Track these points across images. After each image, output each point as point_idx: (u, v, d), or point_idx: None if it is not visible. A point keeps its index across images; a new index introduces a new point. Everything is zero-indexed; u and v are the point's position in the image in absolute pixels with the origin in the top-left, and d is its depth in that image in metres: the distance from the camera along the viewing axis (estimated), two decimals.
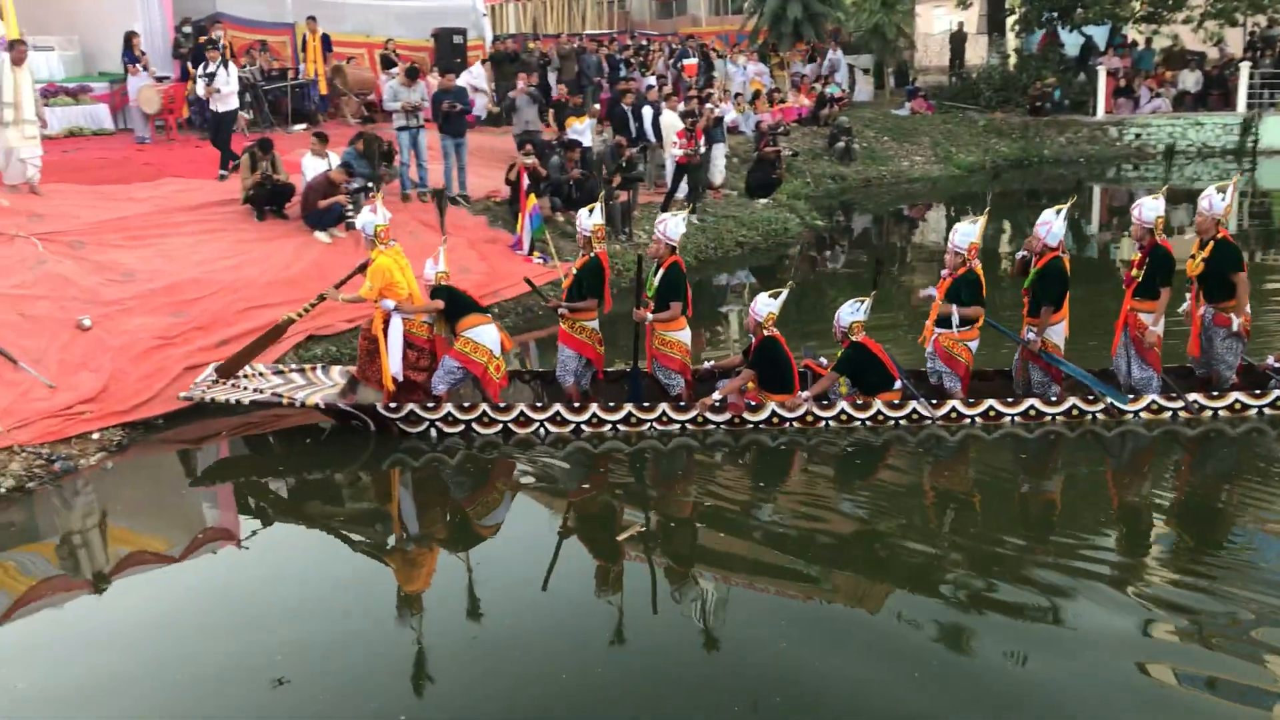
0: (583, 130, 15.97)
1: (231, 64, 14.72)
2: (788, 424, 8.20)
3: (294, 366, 9.15)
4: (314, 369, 9.10)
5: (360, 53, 21.07)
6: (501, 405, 8.30)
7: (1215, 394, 8.26)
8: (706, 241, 15.41)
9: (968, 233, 8.19)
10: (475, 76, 19.81)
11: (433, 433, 8.30)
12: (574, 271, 8.59)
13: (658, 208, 15.90)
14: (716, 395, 8.15)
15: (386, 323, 8.39)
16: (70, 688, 5.32)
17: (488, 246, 13.27)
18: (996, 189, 21.63)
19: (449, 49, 20.28)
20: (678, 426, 8.25)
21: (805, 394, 8.20)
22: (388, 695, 5.13)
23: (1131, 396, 8.28)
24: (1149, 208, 8.16)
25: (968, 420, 8.20)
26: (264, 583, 6.48)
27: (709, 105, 17.85)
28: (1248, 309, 8.17)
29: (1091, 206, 20.38)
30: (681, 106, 17.34)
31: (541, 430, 8.28)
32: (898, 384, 8.30)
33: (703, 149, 16.29)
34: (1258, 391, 8.28)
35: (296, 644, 5.60)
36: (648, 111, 17.24)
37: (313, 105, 18.89)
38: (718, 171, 17.97)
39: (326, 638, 5.68)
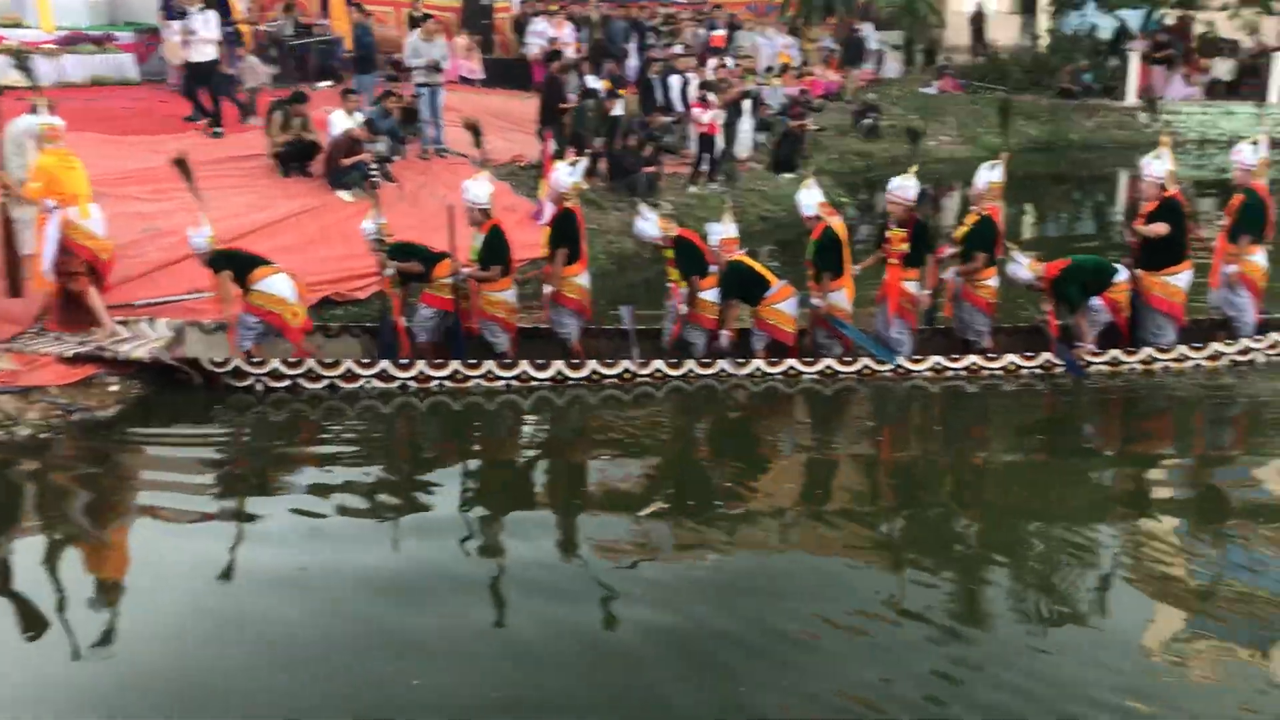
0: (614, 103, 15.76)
1: (212, 12, 14.05)
2: (607, 380, 8.60)
3: (118, 319, 8.91)
4: (139, 321, 8.90)
5: (388, 11, 20.90)
6: (329, 361, 8.46)
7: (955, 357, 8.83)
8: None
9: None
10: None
11: (259, 387, 8.37)
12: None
13: (685, 179, 15.80)
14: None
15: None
16: None
17: (505, 215, 13.08)
18: (1020, 174, 21.40)
19: (476, 10, 20.12)
20: (503, 384, 8.51)
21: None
22: None
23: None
24: (910, 188, 8.75)
25: (771, 378, 8.73)
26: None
27: (736, 77, 17.68)
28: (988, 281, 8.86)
29: (1117, 193, 20.20)
30: (710, 76, 17.15)
31: (369, 386, 8.45)
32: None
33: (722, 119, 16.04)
34: (1029, 354, 8.81)
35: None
36: (675, 80, 17.06)
37: (338, 62, 18.76)
38: (743, 145, 17.80)
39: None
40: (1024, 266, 8.83)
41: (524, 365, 8.58)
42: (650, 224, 9.00)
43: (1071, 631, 5.41)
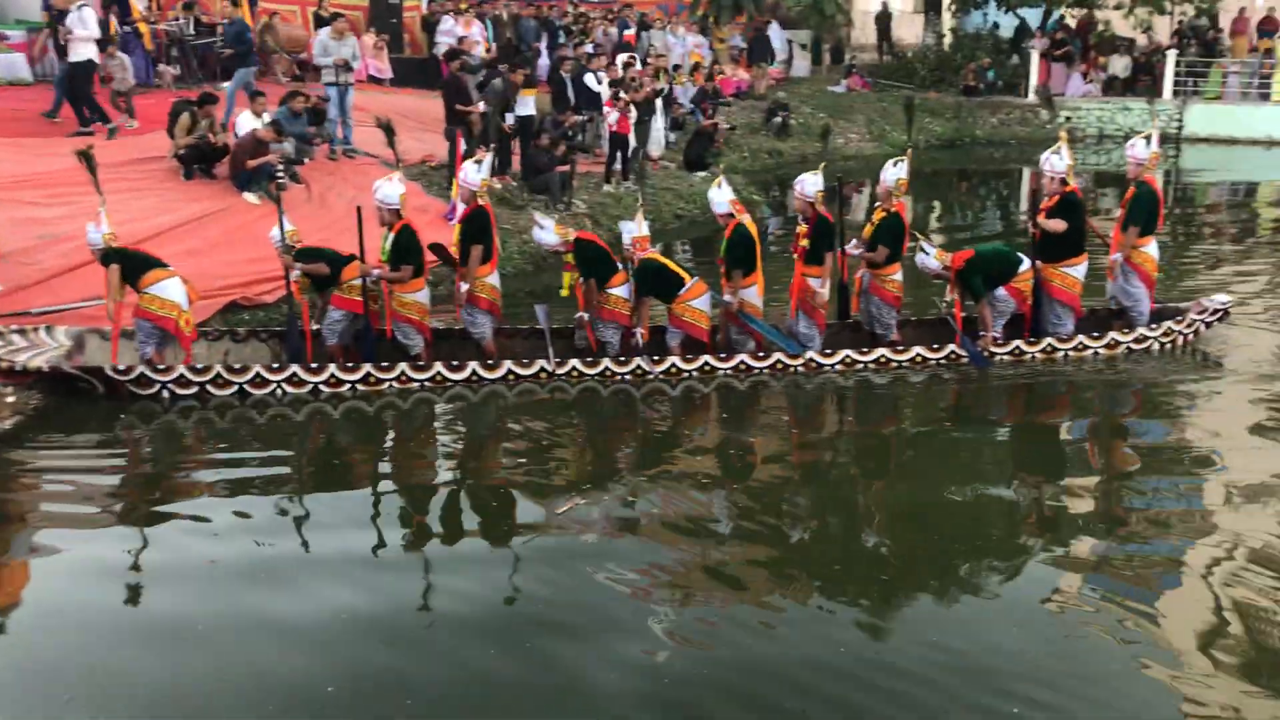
0: (526, 101, 15.72)
1: (89, 9, 13.66)
2: (523, 380, 8.60)
3: (14, 328, 8.57)
4: (36, 330, 8.60)
5: (293, 10, 20.57)
6: (237, 366, 8.32)
7: (865, 350, 8.97)
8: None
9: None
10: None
11: (165, 394, 8.19)
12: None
13: (600, 178, 15.82)
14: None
15: None
16: None
17: (416, 215, 12.96)
18: (927, 170, 21.86)
19: (384, 8, 19.91)
20: (417, 385, 8.49)
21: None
22: None
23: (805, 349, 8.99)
24: (810, 183, 8.87)
25: (686, 374, 8.79)
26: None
27: (648, 76, 17.75)
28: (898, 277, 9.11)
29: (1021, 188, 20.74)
30: (621, 74, 17.19)
31: (279, 391, 8.32)
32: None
33: (633, 117, 16.09)
34: (901, 348, 9.02)
35: None
36: (591, 79, 17.06)
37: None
38: (656, 143, 17.87)
39: None
40: (932, 256, 9.04)
41: (438, 366, 8.53)
42: (547, 232, 8.98)
43: (977, 619, 5.48)
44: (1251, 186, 21.17)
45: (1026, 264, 9.04)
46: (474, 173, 8.89)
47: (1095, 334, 9.13)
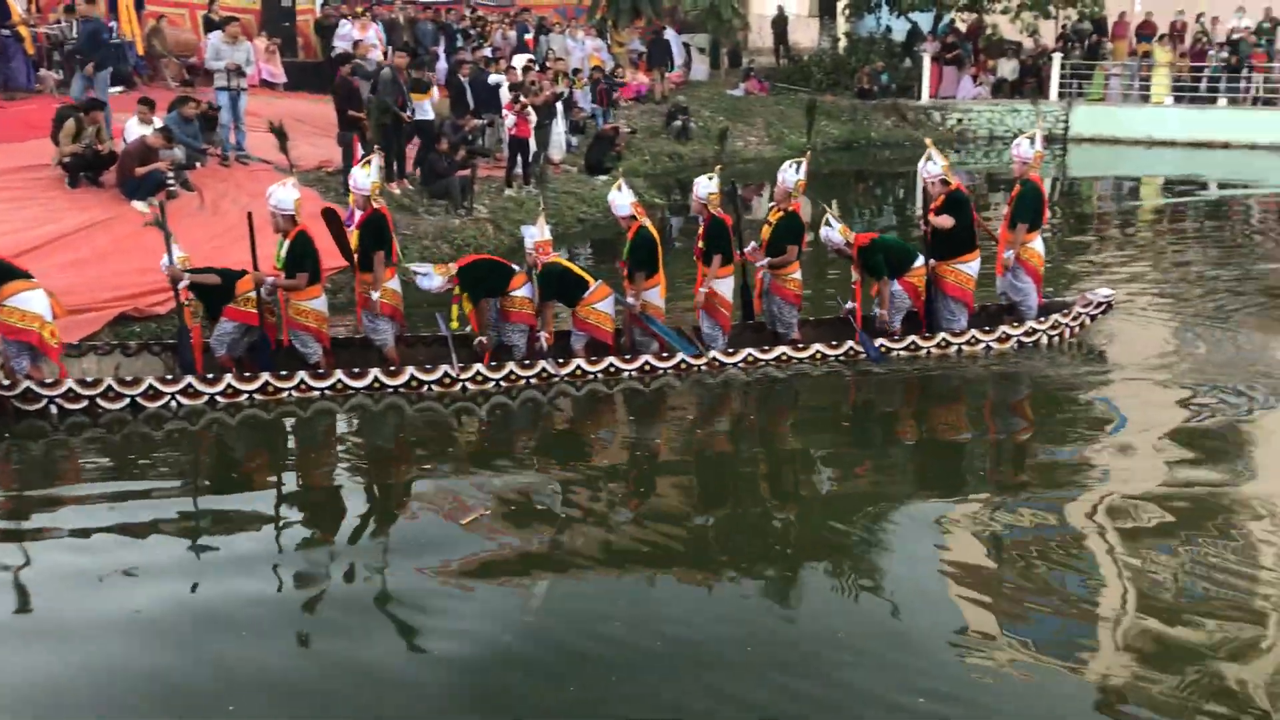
0: (424, 106, 15.57)
1: None
2: (425, 387, 8.50)
3: None
4: None
5: (182, 13, 20.06)
6: (129, 379, 8.12)
7: (766, 348, 9.10)
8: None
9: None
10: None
11: (53, 409, 7.92)
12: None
13: (500, 182, 15.75)
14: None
15: None
16: None
17: (313, 222, 12.71)
18: (825, 171, 22.19)
19: (277, 11, 19.55)
20: (318, 394, 8.38)
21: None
22: None
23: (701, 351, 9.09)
24: (703, 186, 9.06)
25: (591, 376, 8.82)
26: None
27: (547, 80, 17.74)
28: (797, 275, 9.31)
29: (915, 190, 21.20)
30: (520, 79, 17.14)
31: (174, 403, 8.14)
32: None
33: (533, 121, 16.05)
34: (834, 343, 9.18)
35: None
36: (493, 79, 17.00)
37: (130, 67, 17.87)
38: (557, 147, 17.86)
39: None
40: (836, 230, 9.27)
41: (339, 374, 8.39)
42: (429, 277, 8.85)
43: (870, 634, 5.39)
44: (1134, 184, 22.00)
45: (920, 260, 9.29)
46: (363, 177, 8.80)
47: (987, 329, 9.40)
